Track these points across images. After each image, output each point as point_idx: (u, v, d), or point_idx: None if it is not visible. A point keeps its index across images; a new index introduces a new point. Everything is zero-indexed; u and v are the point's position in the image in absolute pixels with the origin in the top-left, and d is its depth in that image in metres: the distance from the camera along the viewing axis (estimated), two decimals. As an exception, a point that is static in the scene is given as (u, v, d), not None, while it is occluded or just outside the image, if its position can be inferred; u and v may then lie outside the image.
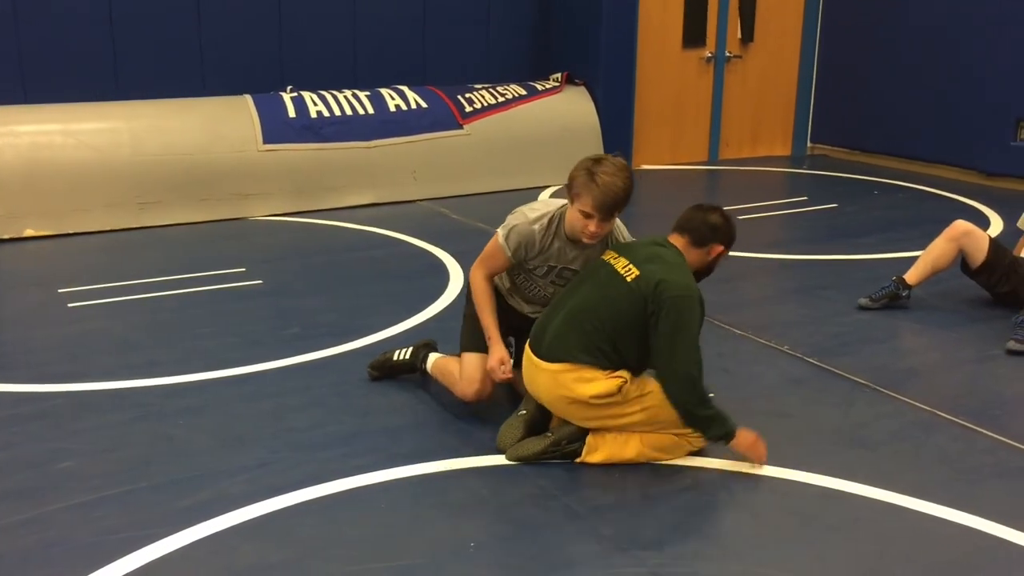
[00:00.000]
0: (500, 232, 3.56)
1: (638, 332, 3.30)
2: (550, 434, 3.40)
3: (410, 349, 4.01)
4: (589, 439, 3.35)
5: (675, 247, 3.43)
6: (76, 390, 4.02)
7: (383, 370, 4.05)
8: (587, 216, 3.34)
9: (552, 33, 8.89)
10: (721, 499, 3.24)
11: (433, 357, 3.93)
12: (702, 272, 3.49)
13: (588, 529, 3.00)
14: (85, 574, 2.73)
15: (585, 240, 3.42)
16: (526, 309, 3.78)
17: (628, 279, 3.31)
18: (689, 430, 3.35)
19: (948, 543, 2.97)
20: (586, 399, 3.28)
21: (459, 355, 3.76)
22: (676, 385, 3.26)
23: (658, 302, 3.23)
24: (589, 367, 3.29)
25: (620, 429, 3.34)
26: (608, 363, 3.30)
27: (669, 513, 3.12)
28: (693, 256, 3.43)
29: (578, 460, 3.35)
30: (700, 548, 2.91)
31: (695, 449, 3.42)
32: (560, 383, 3.31)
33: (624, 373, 3.30)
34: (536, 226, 3.52)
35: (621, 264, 3.37)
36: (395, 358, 4.03)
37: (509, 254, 3.54)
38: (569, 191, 3.38)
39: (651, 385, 3.33)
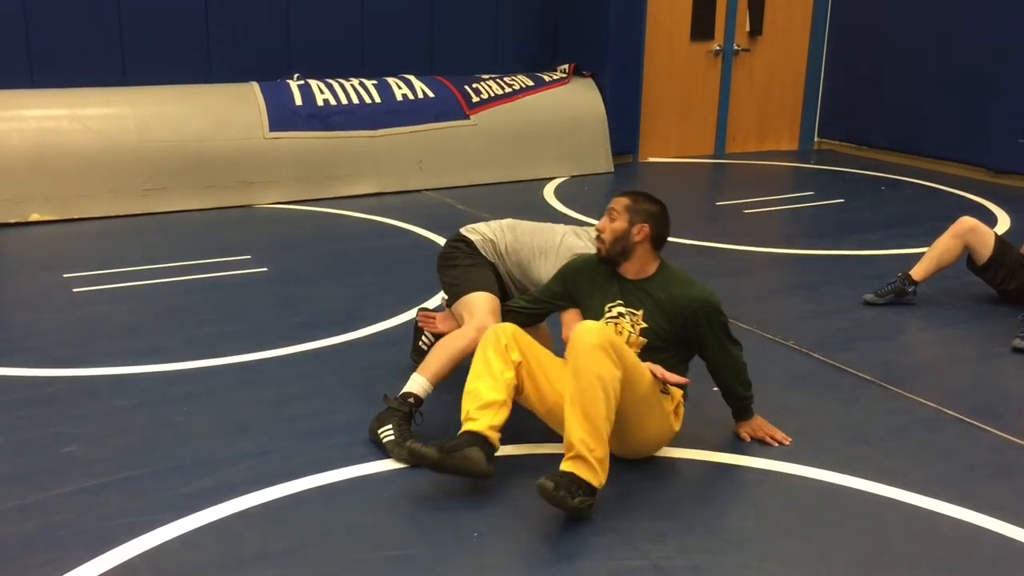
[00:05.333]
0: None
1: None
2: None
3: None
4: None
5: None
6: (80, 375, 4.02)
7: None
8: None
9: (560, 24, 8.86)
10: (724, 492, 3.24)
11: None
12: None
13: (591, 521, 2.99)
14: (87, 560, 2.74)
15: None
16: None
17: None
18: None
19: (951, 540, 2.96)
20: None
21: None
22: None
23: None
24: None
25: None
26: None
27: (672, 506, 3.11)
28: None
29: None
30: (702, 541, 2.91)
31: None
32: None
33: None
34: None
35: None
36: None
37: None
38: None
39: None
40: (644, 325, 3.31)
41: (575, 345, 3.00)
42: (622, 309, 3.34)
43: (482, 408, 3.12)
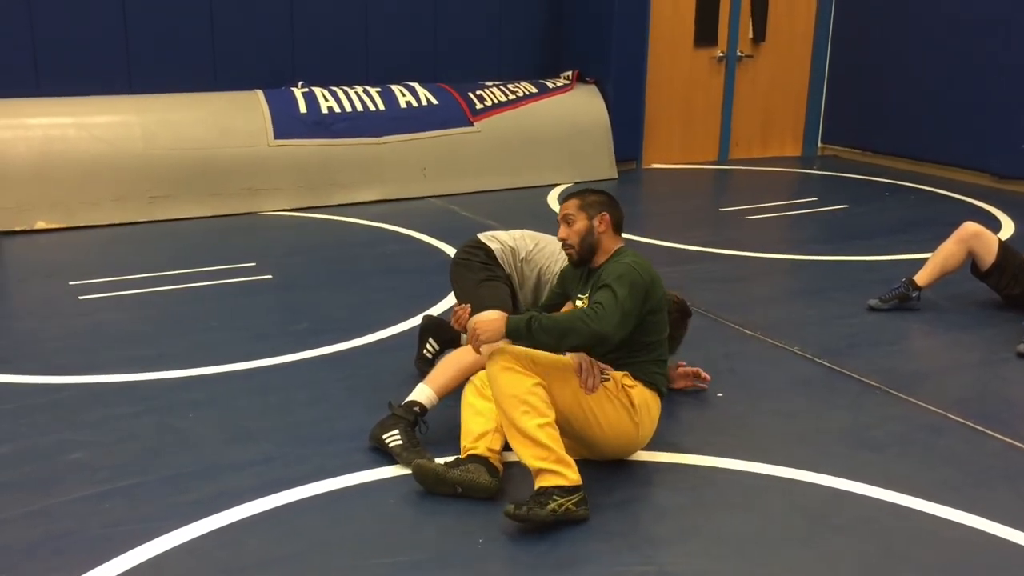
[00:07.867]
0: None
1: None
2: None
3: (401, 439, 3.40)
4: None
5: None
6: (85, 382, 4.03)
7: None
8: None
9: (564, 31, 8.88)
10: (729, 498, 3.23)
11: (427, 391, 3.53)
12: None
13: (597, 526, 3.00)
14: (92, 567, 2.74)
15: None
16: None
17: None
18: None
19: (955, 545, 2.96)
20: None
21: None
22: None
23: None
24: None
25: None
26: None
27: (677, 512, 3.11)
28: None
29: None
30: (708, 547, 2.91)
31: None
32: None
33: None
34: None
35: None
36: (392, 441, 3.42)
37: None
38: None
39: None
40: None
41: (488, 378, 3.11)
42: (582, 298, 3.37)
43: (476, 439, 3.22)
